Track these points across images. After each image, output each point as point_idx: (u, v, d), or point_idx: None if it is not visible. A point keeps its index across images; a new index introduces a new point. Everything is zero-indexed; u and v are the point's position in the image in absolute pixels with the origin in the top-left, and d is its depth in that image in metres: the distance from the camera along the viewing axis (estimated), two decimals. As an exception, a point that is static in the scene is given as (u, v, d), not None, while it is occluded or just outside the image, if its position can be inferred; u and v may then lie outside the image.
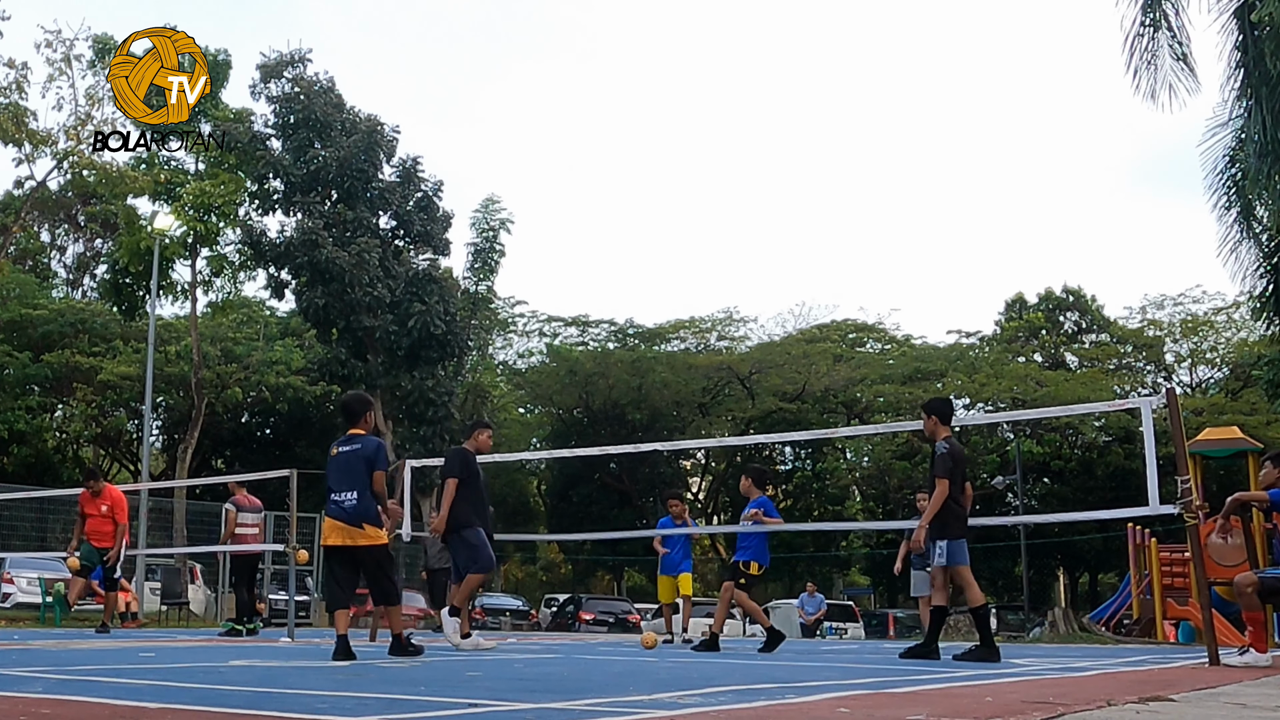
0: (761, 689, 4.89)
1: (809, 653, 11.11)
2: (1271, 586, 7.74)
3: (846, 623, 29.48)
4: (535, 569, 52.47)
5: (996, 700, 4.46)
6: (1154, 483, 8.22)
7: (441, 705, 4.03)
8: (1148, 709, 4.13)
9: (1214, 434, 17.61)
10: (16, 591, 20.50)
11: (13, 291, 35.15)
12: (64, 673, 5.37)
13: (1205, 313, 42.96)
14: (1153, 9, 16.68)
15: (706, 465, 47.18)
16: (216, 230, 29.73)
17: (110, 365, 33.45)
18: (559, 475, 44.14)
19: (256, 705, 3.81)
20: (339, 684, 4.91)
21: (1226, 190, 18.13)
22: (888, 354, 45.65)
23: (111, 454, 39.50)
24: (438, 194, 31.60)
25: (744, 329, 45.39)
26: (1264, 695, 5.00)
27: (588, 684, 5.24)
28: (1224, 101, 17.55)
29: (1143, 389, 42.02)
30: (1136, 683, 5.76)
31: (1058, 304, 46.89)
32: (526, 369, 46.14)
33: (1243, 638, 8.87)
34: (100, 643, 9.83)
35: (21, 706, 3.61)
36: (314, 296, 28.87)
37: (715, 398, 42.99)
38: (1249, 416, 34.47)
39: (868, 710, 3.91)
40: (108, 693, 4.20)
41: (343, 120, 30.31)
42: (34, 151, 24.52)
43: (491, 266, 33.37)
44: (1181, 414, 8.21)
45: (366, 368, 29.75)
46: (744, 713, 3.80)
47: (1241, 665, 7.43)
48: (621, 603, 33.12)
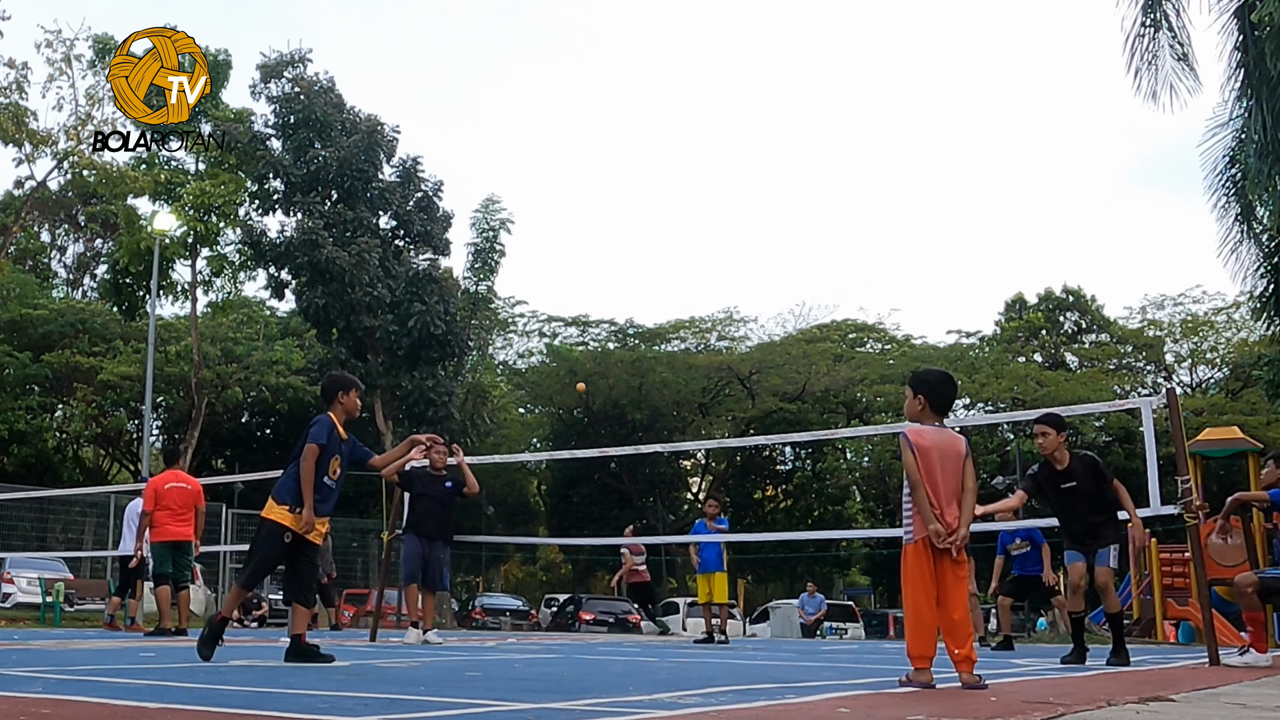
0: (761, 689, 4.89)
1: (809, 653, 11.11)
2: (1272, 586, 7.74)
3: (847, 623, 29.45)
4: (535, 569, 52.44)
5: (997, 700, 4.46)
6: (1154, 483, 8.22)
7: (441, 705, 4.03)
8: (1148, 709, 4.13)
9: (1214, 434, 17.58)
10: (16, 591, 20.50)
11: (13, 291, 35.16)
12: (64, 673, 5.36)
13: (1205, 313, 42.96)
14: (1153, 9, 16.69)
15: (706, 465, 47.16)
16: (216, 230, 29.76)
17: (110, 365, 33.46)
18: (559, 475, 44.11)
19: (256, 705, 3.80)
20: (339, 684, 4.90)
21: (1226, 190, 18.14)
22: (888, 354, 45.62)
23: (111, 454, 39.50)
24: (438, 194, 31.61)
25: (744, 329, 45.41)
26: (1264, 695, 5.00)
27: (588, 684, 5.23)
28: (1224, 101, 17.59)
29: (1143, 389, 42.00)
30: (1136, 683, 5.76)
31: (1058, 304, 46.88)
32: (526, 369, 46.13)
33: (1242, 638, 8.87)
34: (100, 643, 9.83)
35: (21, 706, 3.61)
36: (314, 296, 28.87)
37: (715, 398, 42.98)
38: (1249, 416, 34.46)
39: (868, 710, 3.91)
40: (108, 693, 4.19)
41: (343, 120, 30.32)
42: (34, 151, 24.57)
43: (491, 266, 33.37)
44: (1181, 414, 8.21)
45: (366, 368, 29.74)
46: (744, 713, 3.80)
47: (1242, 665, 7.43)
48: (621, 603, 33.06)
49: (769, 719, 3.69)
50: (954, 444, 5.18)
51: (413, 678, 5.47)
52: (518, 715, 3.65)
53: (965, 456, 5.16)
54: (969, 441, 8.34)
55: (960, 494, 5.06)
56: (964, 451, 5.17)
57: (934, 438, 5.14)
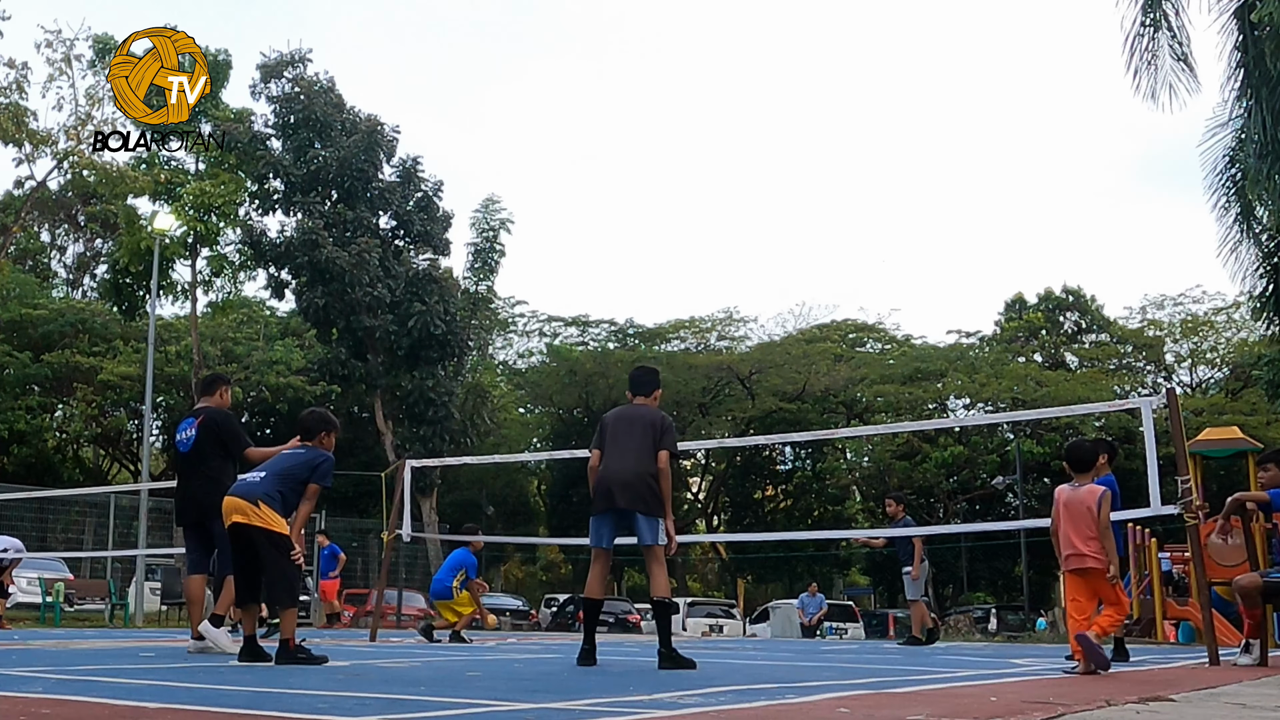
0: (761, 689, 4.89)
1: (809, 653, 11.11)
2: (1274, 588, 7.75)
3: (847, 623, 29.45)
4: (535, 569, 52.44)
5: (997, 700, 4.46)
6: (1154, 483, 8.21)
7: (441, 705, 4.03)
8: (1148, 709, 4.13)
9: (1214, 434, 17.57)
10: (16, 591, 20.48)
11: (13, 291, 35.16)
12: (64, 673, 5.36)
13: (1205, 313, 42.94)
14: (1153, 9, 16.69)
15: (706, 465, 47.17)
16: (216, 230, 29.77)
17: (110, 365, 33.46)
18: (559, 475, 44.10)
19: (256, 705, 3.80)
20: (339, 684, 4.90)
21: (1226, 190, 18.13)
22: (888, 354, 45.63)
23: (111, 454, 39.51)
24: (438, 194, 31.63)
25: (744, 329, 45.41)
26: (1264, 695, 5.00)
27: (588, 684, 5.23)
28: (1224, 101, 17.57)
29: (1143, 389, 41.98)
30: (1136, 683, 5.76)
31: (1058, 304, 46.88)
32: (526, 369, 46.15)
33: (1240, 635, 8.89)
34: (100, 643, 9.83)
35: (21, 706, 3.61)
36: (314, 296, 28.88)
37: (715, 398, 42.97)
38: (1249, 416, 34.45)
39: (868, 710, 3.91)
40: (108, 693, 4.19)
41: (343, 120, 30.34)
42: (34, 151, 24.58)
43: (491, 266, 33.39)
44: (1181, 414, 8.21)
45: (366, 368, 29.76)
46: (744, 713, 3.81)
47: (1249, 663, 7.46)
48: (621, 603, 33.11)
49: (769, 719, 3.69)
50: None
51: (413, 678, 5.47)
52: (518, 715, 3.65)
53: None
54: (969, 442, 8.16)
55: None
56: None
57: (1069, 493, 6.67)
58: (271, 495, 6.55)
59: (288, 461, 6.80)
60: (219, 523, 6.93)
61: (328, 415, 7.25)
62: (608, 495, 6.88)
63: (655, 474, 6.80)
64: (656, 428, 6.88)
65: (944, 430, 39.14)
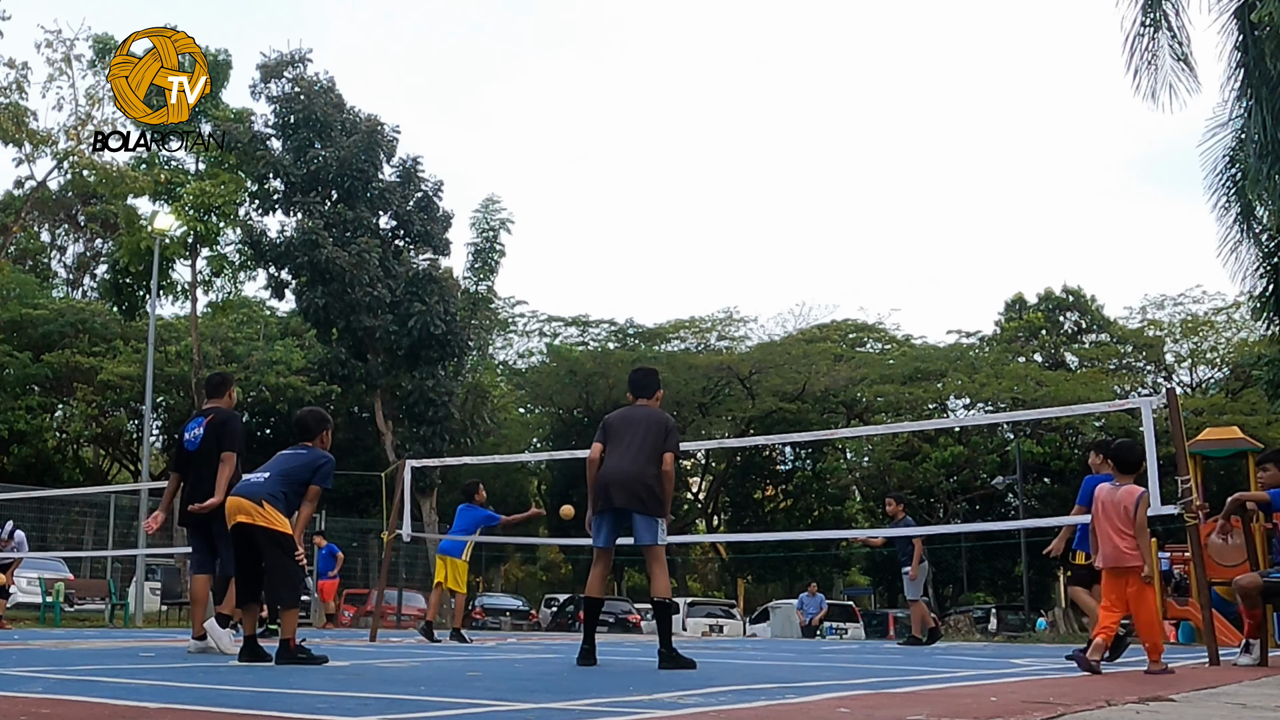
0: (761, 689, 4.89)
1: (809, 653, 11.11)
2: (1274, 588, 7.75)
3: (847, 623, 29.46)
4: (535, 569, 52.44)
5: (997, 700, 4.46)
6: (1154, 483, 8.21)
7: (441, 705, 4.03)
8: (1148, 709, 4.13)
9: (1214, 434, 17.57)
10: (16, 591, 20.49)
11: (13, 291, 35.16)
12: (64, 673, 5.37)
13: (1205, 313, 42.92)
14: (1153, 9, 16.68)
15: (706, 465, 47.17)
16: (216, 230, 29.76)
17: (110, 365, 33.45)
18: (559, 475, 44.10)
19: (256, 705, 3.80)
20: (339, 684, 4.90)
21: (1226, 190, 18.12)
22: (888, 354, 45.62)
23: (111, 454, 39.50)
24: (438, 194, 31.61)
25: (744, 329, 45.38)
26: (1264, 695, 5.00)
27: (588, 684, 5.23)
28: (1224, 101, 17.56)
29: (1143, 389, 41.97)
30: (1136, 683, 5.76)
31: (1058, 304, 46.86)
32: (526, 369, 46.12)
33: (1240, 635, 8.89)
34: (100, 643, 9.83)
35: (21, 706, 3.61)
36: (314, 296, 28.87)
37: (715, 398, 42.96)
38: (1249, 416, 34.44)
39: (868, 710, 3.91)
40: (108, 693, 4.20)
41: (343, 120, 30.32)
42: (34, 151, 24.57)
43: (491, 266, 33.36)
44: (1181, 414, 8.21)
45: (366, 368, 29.75)
46: (744, 713, 3.81)
47: (1249, 663, 7.46)
48: (621, 603, 33.11)
49: (769, 719, 3.69)
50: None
51: (413, 678, 5.48)
52: (518, 715, 3.65)
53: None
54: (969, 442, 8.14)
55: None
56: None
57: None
58: (275, 495, 6.60)
59: (290, 462, 6.84)
60: (220, 523, 6.96)
61: (326, 414, 7.34)
62: (606, 495, 6.89)
63: (655, 475, 6.81)
64: (661, 429, 6.91)
65: (944, 430, 39.13)
